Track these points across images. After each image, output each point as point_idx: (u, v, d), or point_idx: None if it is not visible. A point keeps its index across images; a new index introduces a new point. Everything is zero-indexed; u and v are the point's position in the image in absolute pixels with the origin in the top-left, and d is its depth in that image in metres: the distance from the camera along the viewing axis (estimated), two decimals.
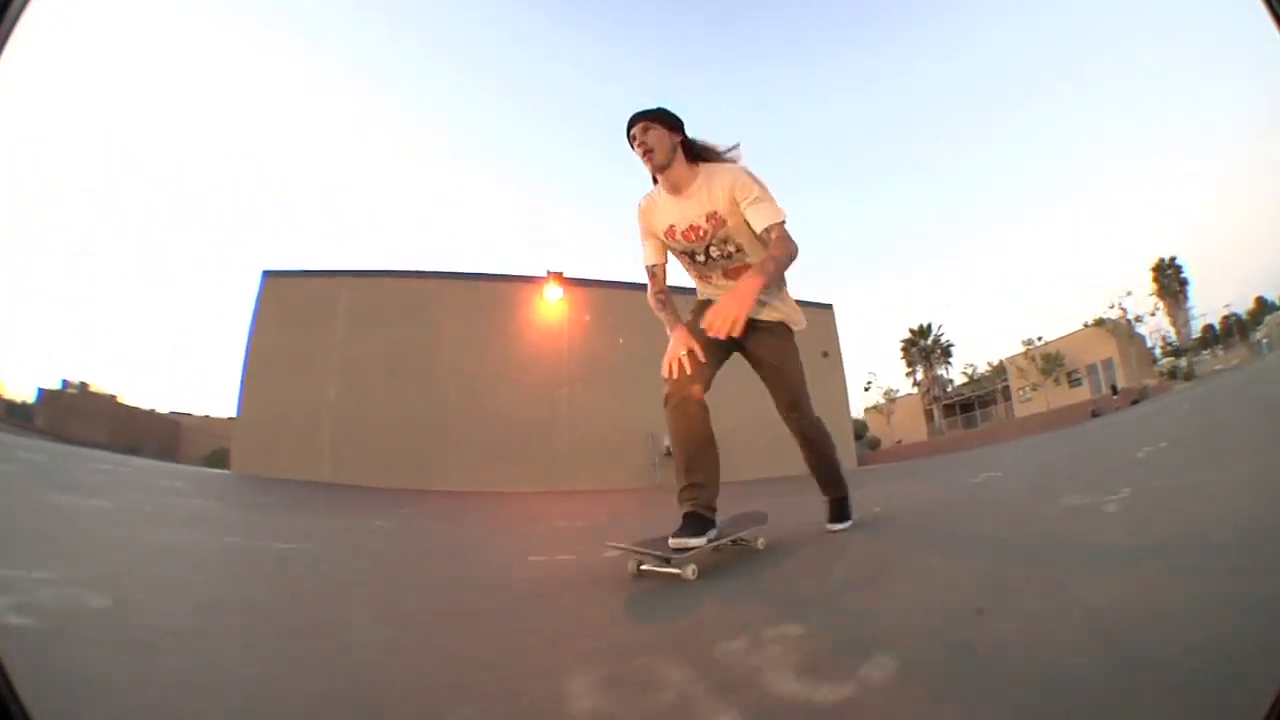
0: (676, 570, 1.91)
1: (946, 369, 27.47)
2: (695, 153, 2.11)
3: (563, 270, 12.20)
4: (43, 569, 1.83)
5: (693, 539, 1.96)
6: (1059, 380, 24.01)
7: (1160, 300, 27.07)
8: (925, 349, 27.34)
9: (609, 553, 2.29)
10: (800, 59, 42.72)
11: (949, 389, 27.50)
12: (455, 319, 12.30)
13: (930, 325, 27.55)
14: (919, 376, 27.41)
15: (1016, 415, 24.54)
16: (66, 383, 32.82)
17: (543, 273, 12.25)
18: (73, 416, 29.88)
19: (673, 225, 2.15)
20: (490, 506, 7.60)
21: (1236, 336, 26.17)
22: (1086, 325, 23.72)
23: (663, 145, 2.03)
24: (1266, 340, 22.01)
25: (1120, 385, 20.63)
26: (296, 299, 13.69)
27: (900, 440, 26.89)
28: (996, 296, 41.47)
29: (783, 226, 2.02)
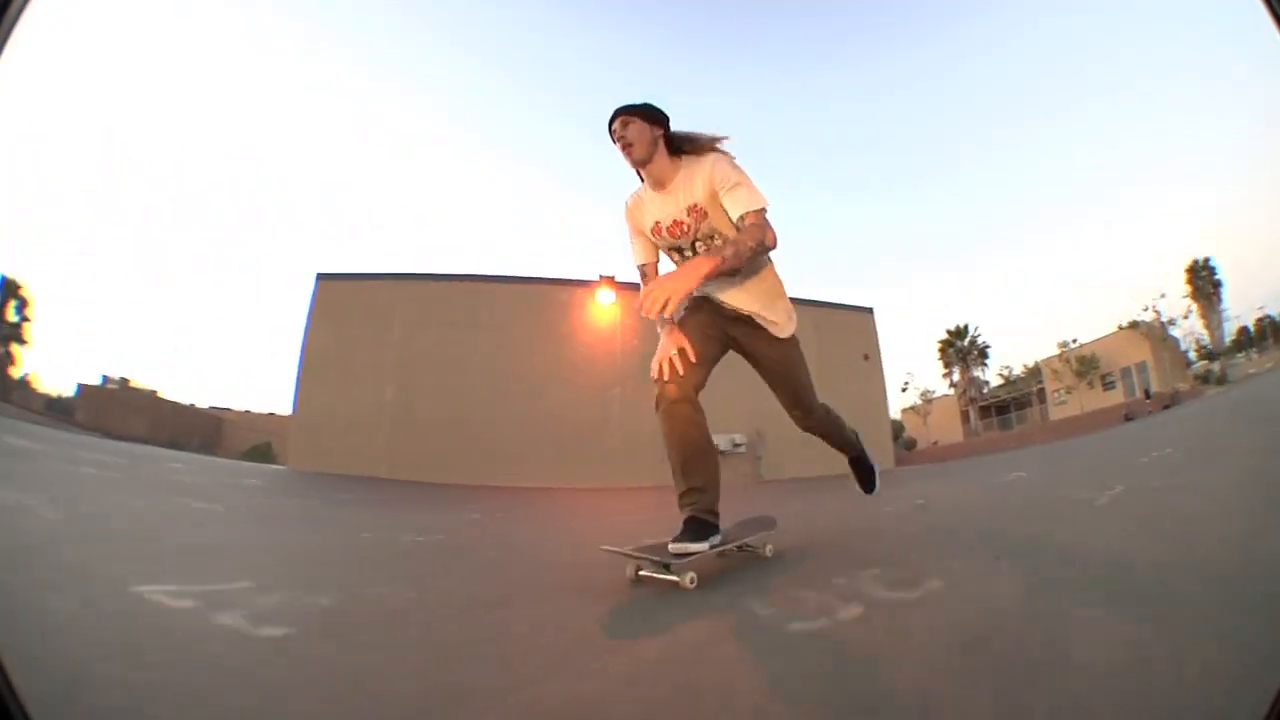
0: (675, 578, 1.83)
1: (983, 370, 27.37)
2: (678, 145, 2.03)
3: (614, 274, 12.36)
4: (244, 578, 1.87)
5: (693, 544, 1.89)
6: (1093, 383, 23.74)
7: (1194, 302, 26.56)
8: (962, 350, 27.18)
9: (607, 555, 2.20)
10: (835, 61, 42.51)
11: (985, 391, 27.36)
12: (510, 321, 12.54)
13: (967, 326, 27.46)
14: (955, 378, 27.33)
15: (1051, 418, 24.33)
16: (107, 378, 33.74)
17: (595, 277, 12.42)
18: (114, 411, 30.67)
19: (658, 222, 2.08)
20: (554, 501, 7.81)
21: (1270, 339, 25.61)
22: (1120, 328, 23.41)
23: (642, 139, 1.97)
24: None
25: (1153, 389, 20.40)
26: (351, 302, 14.01)
27: (936, 441, 26.78)
28: (1032, 298, 41.07)
29: (760, 214, 1.92)
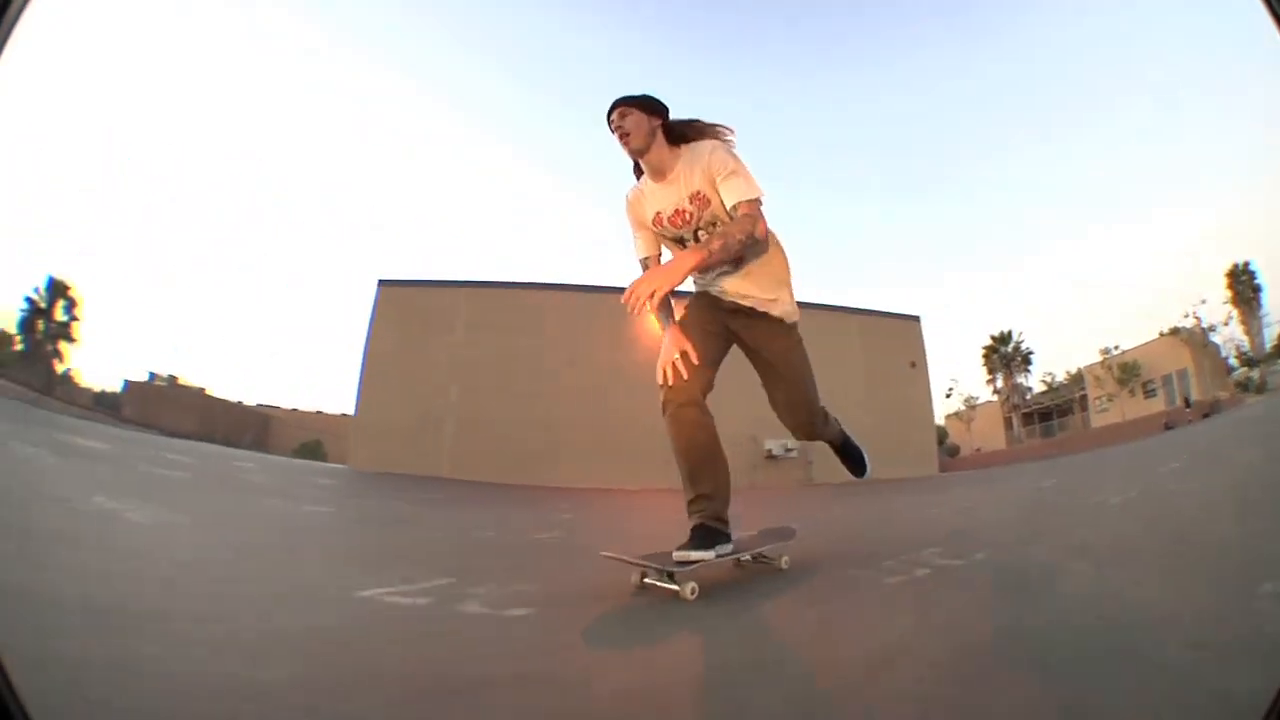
0: (676, 587, 1.79)
1: (1026, 377, 26.96)
2: (677, 136, 2.02)
3: None
4: (441, 575, 2.02)
5: (697, 552, 1.86)
6: (1134, 391, 23.28)
7: (1234, 308, 25.73)
8: (1006, 356, 26.83)
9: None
10: (875, 63, 42.28)
11: (1028, 397, 26.95)
12: (570, 327, 12.83)
13: (1011, 332, 27.10)
14: (999, 384, 26.98)
15: (1093, 425, 23.93)
16: (154, 375, 34.93)
17: None
18: (162, 407, 31.73)
19: (659, 212, 2.05)
20: (626, 502, 8.10)
21: None
22: (1162, 334, 22.86)
23: (640, 129, 1.95)
24: None
25: (1193, 397, 19.95)
26: (412, 307, 14.44)
27: (979, 448, 26.54)
28: (1076, 303, 40.26)
29: (753, 204, 1.91)
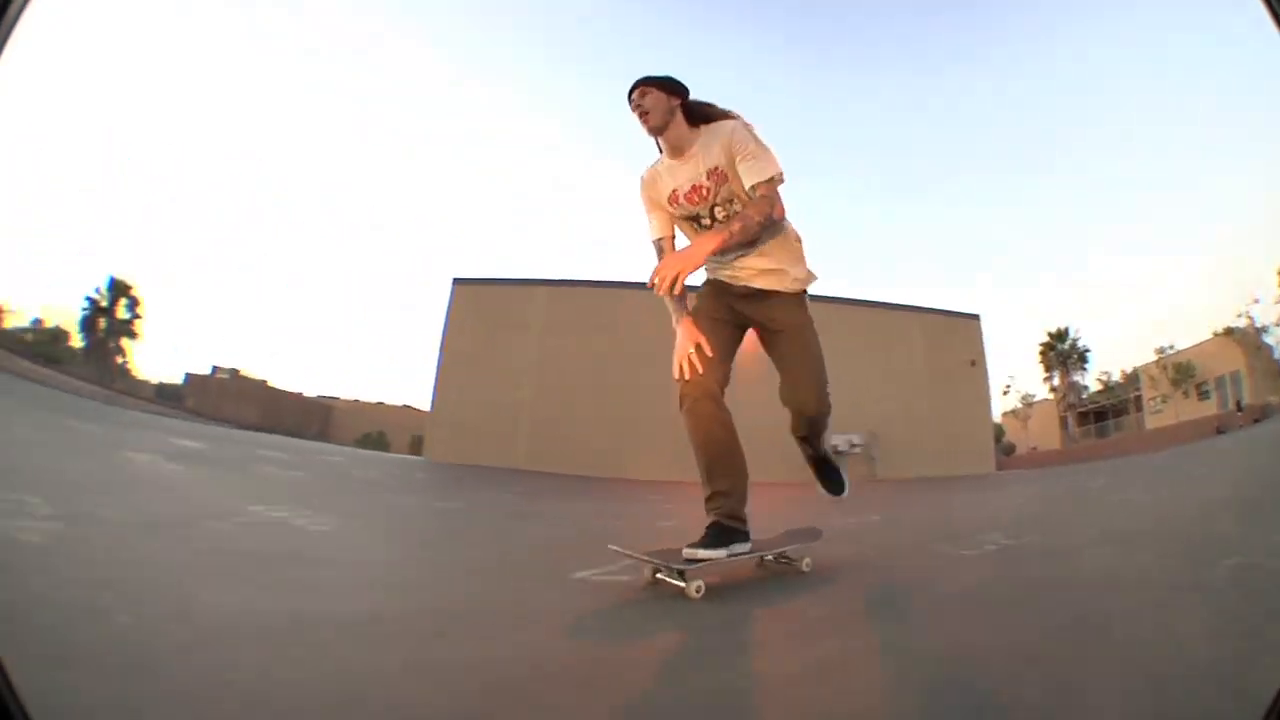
0: (683, 584, 1.77)
1: (1082, 375, 26.57)
2: (697, 115, 2.04)
3: None
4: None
5: (707, 550, 1.85)
6: (1188, 393, 22.70)
7: None
8: (1062, 354, 26.46)
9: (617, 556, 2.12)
10: (933, 63, 41.90)
11: (1084, 396, 26.56)
12: (641, 326, 13.25)
13: (1067, 329, 26.70)
14: (1055, 382, 26.68)
15: (1147, 427, 23.46)
16: (216, 368, 36.52)
17: None
18: (225, 399, 33.17)
19: (675, 189, 2.05)
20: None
21: None
22: (1215, 334, 22.16)
23: (659, 108, 1.97)
24: None
25: (1245, 401, 19.41)
26: (486, 305, 15.03)
27: (1035, 447, 26.31)
28: (1132, 299, 39.37)
29: (771, 185, 1.92)
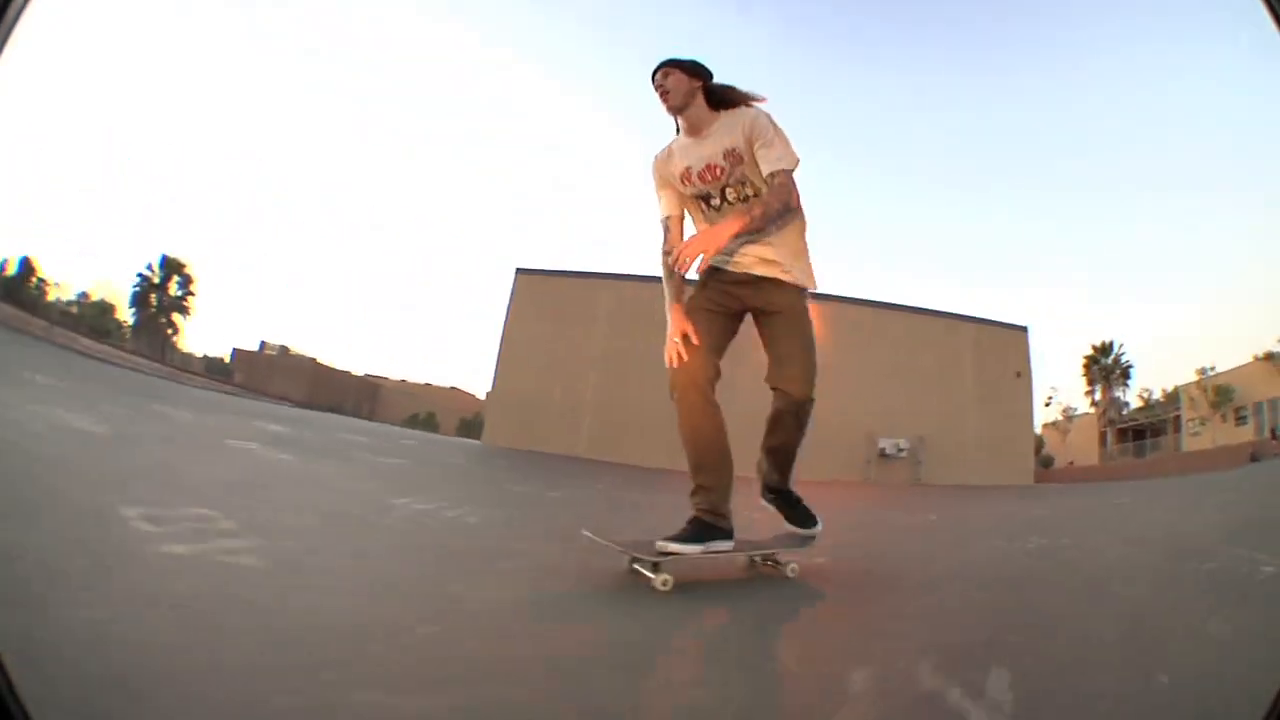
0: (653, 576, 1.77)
1: (1124, 391, 26.41)
2: (718, 99, 2.07)
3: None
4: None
5: (679, 545, 1.83)
6: (1226, 416, 22.39)
7: None
8: (1106, 368, 26.32)
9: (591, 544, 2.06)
10: (982, 68, 41.54)
11: (1124, 412, 26.39)
12: None
13: (1112, 343, 26.54)
14: (1097, 396, 26.56)
15: (1185, 449, 23.22)
16: (264, 343, 37.84)
17: None
18: (275, 375, 34.38)
19: (689, 168, 2.07)
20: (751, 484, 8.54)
21: None
22: (1256, 358, 21.78)
23: (680, 88, 2.02)
24: None
25: None
26: (549, 295, 15.65)
27: (1073, 462, 26.20)
28: (1179, 319, 38.75)
29: (788, 174, 1.96)
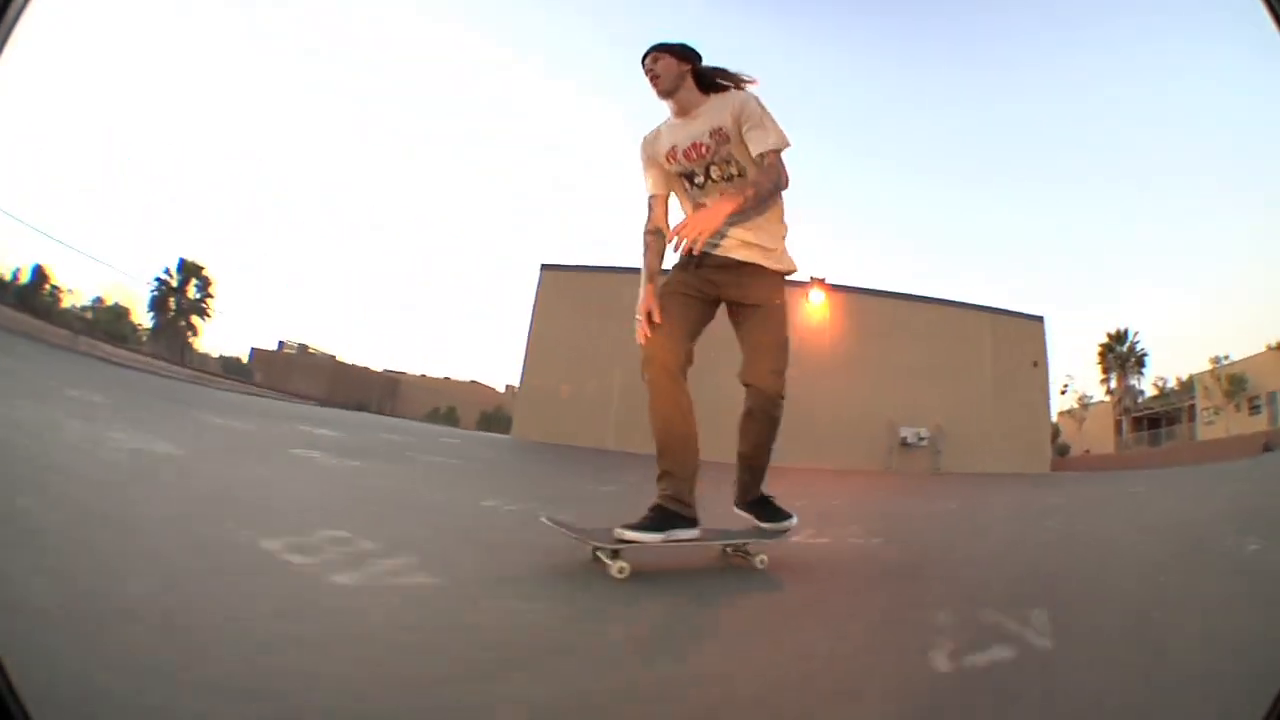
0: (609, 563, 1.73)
1: (1139, 379, 26.48)
2: (708, 82, 2.09)
3: (824, 277, 13.66)
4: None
5: (637, 534, 1.80)
6: (1239, 406, 22.42)
7: None
8: (1121, 356, 26.38)
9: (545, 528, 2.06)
10: (1005, 63, 41.52)
11: (1139, 401, 26.49)
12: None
13: (1127, 331, 26.59)
14: (1112, 384, 26.63)
15: (1200, 437, 23.29)
16: (283, 343, 38.26)
17: (807, 278, 13.76)
18: (294, 373, 34.78)
19: (675, 146, 2.09)
20: (801, 477, 8.40)
21: None
22: (1269, 347, 21.74)
23: (669, 72, 2.03)
24: None
25: None
26: (573, 291, 15.98)
27: (1088, 450, 26.41)
28: (1192, 304, 38.77)
29: (778, 155, 1.97)
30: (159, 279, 33.98)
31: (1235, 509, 3.93)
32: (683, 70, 2.04)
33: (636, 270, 2.22)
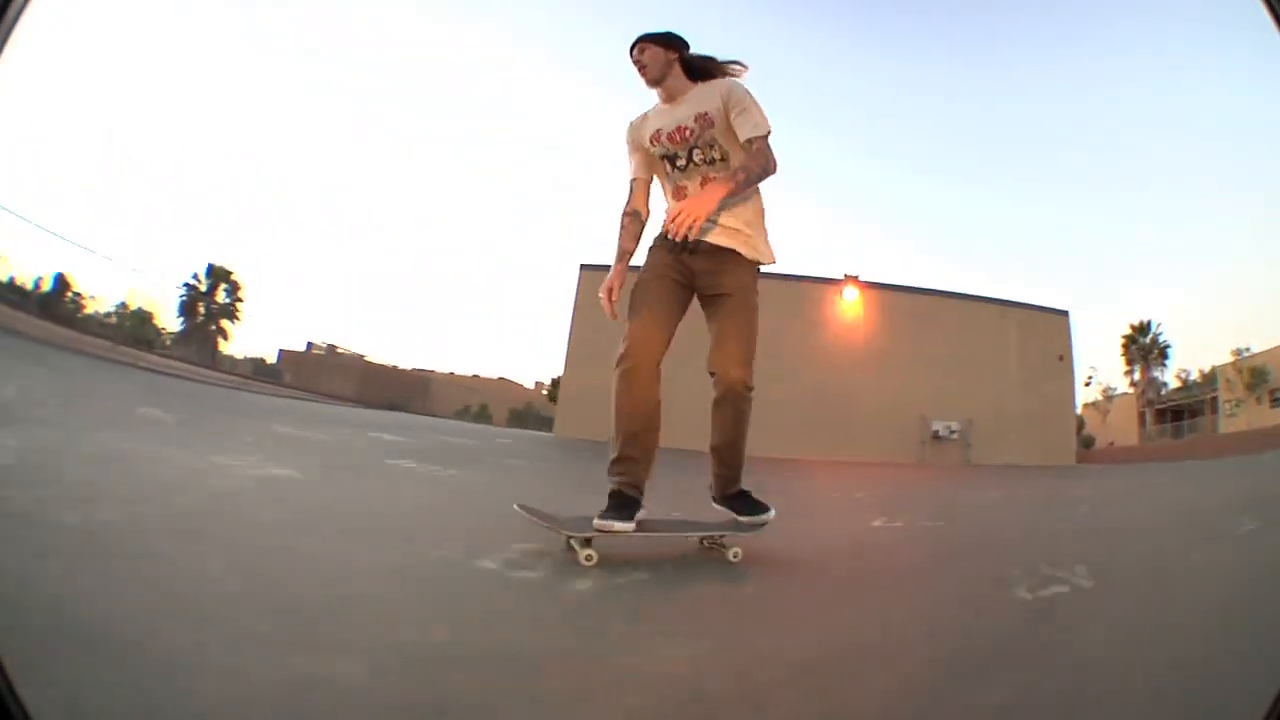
0: (582, 552, 1.74)
1: (1162, 371, 26.48)
2: (695, 70, 2.13)
3: (858, 274, 14.18)
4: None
5: (618, 523, 1.83)
6: (1261, 398, 22.38)
7: None
8: (1144, 348, 26.37)
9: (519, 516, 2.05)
10: (1025, 59, 41.57)
11: (1162, 393, 26.51)
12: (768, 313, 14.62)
13: (1150, 323, 26.59)
14: (1136, 376, 26.65)
15: (1222, 429, 23.26)
16: (311, 343, 38.94)
17: (840, 275, 14.28)
18: (324, 373, 35.34)
19: (659, 129, 2.13)
20: (811, 471, 8.57)
21: None
22: None
23: (657, 61, 2.07)
24: None
25: None
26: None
27: (1113, 442, 26.55)
28: (1215, 296, 38.65)
29: (765, 140, 2.01)
30: (187, 284, 34.74)
31: (1255, 502, 3.87)
32: (670, 58, 2.10)
33: None
